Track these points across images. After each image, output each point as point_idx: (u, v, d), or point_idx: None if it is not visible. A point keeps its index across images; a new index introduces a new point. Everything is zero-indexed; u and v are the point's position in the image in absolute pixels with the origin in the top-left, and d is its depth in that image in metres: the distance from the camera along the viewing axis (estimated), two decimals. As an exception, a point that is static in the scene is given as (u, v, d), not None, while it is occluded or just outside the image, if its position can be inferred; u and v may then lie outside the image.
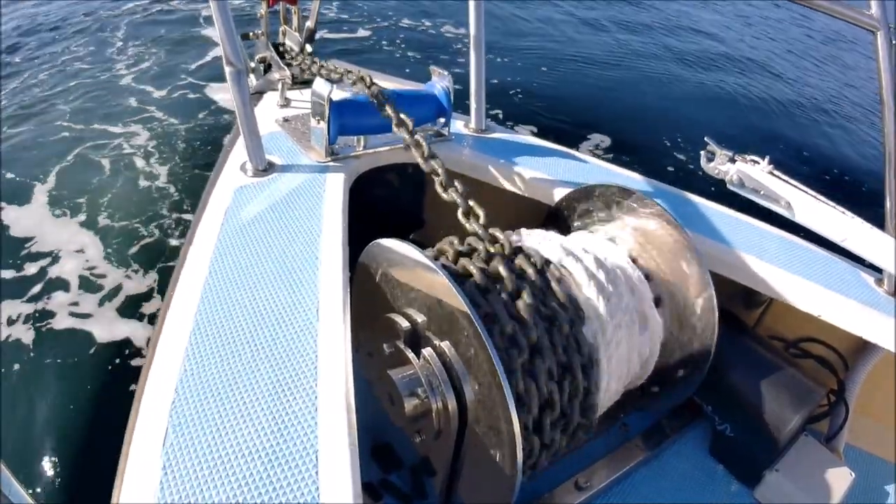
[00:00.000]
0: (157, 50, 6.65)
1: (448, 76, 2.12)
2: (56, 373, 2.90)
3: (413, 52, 7.16)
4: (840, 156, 6.51)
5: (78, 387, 2.83)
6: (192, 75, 6.07)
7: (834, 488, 1.77)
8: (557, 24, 8.99)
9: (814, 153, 6.43)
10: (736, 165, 1.84)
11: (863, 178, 5.98)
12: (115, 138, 4.90)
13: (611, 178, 2.15)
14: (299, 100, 2.36)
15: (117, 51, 6.59)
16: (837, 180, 5.92)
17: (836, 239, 1.74)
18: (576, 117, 6.12)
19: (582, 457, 1.81)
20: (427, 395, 1.25)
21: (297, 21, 2.63)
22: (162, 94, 5.67)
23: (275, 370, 1.14)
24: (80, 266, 3.55)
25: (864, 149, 6.80)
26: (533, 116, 5.92)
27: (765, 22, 12.15)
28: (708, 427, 1.95)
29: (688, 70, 8.18)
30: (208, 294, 1.33)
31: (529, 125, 5.66)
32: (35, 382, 2.84)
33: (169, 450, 1.00)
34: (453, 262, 1.42)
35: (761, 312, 2.15)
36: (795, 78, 8.97)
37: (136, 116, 5.24)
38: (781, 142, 6.54)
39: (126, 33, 7.04)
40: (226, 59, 1.63)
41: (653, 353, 1.64)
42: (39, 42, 6.78)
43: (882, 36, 1.76)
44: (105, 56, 6.46)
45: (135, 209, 4.06)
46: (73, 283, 3.41)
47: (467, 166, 2.19)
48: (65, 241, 3.73)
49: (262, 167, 1.80)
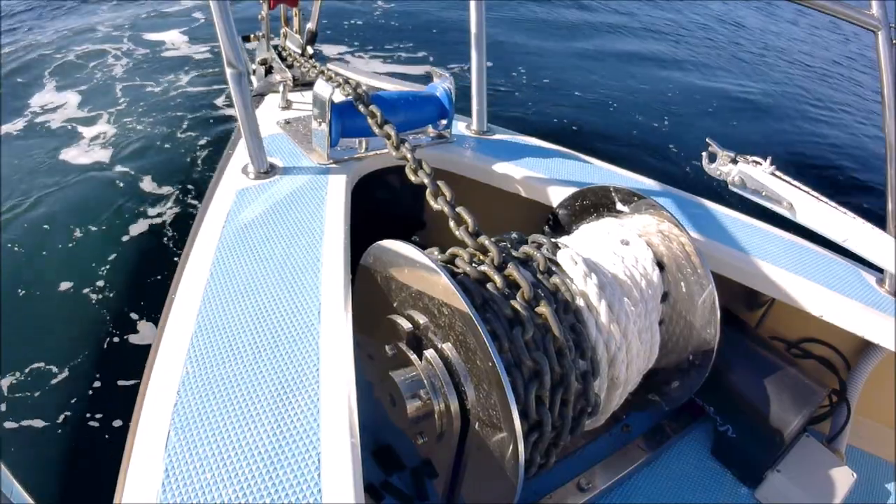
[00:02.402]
0: (157, 49, 6.65)
1: (449, 78, 2.12)
2: (58, 374, 2.90)
3: (414, 52, 7.16)
4: (841, 156, 6.51)
5: (80, 388, 2.84)
6: (194, 76, 6.07)
7: (835, 489, 1.77)
8: (559, 25, 8.99)
9: (815, 154, 6.42)
10: (738, 166, 1.84)
11: (864, 177, 5.97)
12: (116, 138, 4.91)
13: (612, 180, 2.15)
14: (301, 102, 2.36)
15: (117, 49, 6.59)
16: (838, 181, 5.91)
17: (838, 239, 1.74)
18: (579, 119, 6.13)
19: (584, 458, 1.81)
20: (429, 397, 1.25)
21: (298, 23, 2.64)
22: (163, 95, 5.67)
23: (276, 372, 1.14)
24: (80, 267, 3.56)
25: (865, 148, 6.79)
26: (534, 118, 5.92)
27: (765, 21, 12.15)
28: (709, 428, 1.95)
29: (688, 69, 8.18)
30: (210, 296, 1.33)
31: (531, 127, 5.66)
32: (36, 383, 2.84)
33: (171, 451, 1.00)
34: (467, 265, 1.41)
35: (763, 313, 2.15)
36: (795, 77, 8.97)
37: (136, 117, 5.24)
38: (781, 142, 6.54)
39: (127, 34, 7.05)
40: (227, 61, 1.63)
41: (655, 354, 1.64)
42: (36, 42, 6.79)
43: (883, 35, 1.76)
44: (104, 54, 6.47)
45: (136, 211, 4.07)
46: (74, 284, 3.42)
47: (469, 168, 2.19)
48: (65, 241, 3.74)
49: (264, 169, 1.80)
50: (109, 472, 1.02)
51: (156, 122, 5.18)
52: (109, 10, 7.93)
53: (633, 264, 1.59)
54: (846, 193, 5.51)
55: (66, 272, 3.51)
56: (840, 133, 7.15)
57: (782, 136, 6.73)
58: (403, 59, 6.96)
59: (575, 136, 5.64)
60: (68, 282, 3.44)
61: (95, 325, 3.18)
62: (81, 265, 3.58)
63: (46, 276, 3.47)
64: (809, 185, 1.79)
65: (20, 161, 4.59)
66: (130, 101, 5.53)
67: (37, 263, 3.56)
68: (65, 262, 3.59)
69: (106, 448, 2.57)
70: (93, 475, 2.45)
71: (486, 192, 2.17)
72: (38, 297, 3.32)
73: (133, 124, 5.13)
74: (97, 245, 3.75)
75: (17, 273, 3.45)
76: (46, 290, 3.37)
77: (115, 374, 2.92)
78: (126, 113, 5.33)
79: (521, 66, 7.13)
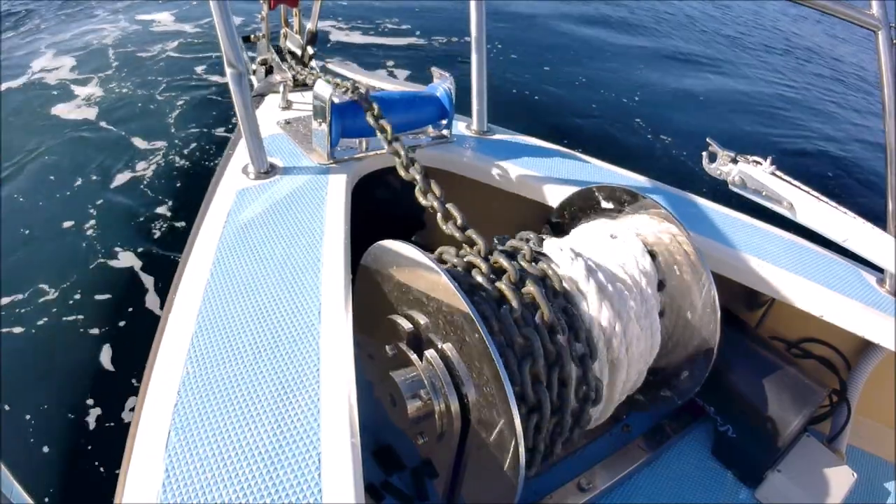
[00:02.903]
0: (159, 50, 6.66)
1: (450, 78, 2.12)
2: (58, 374, 2.91)
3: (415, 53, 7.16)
4: (842, 156, 6.50)
5: (80, 388, 2.84)
6: (194, 76, 6.08)
7: (836, 489, 1.77)
8: (560, 23, 8.98)
9: (815, 153, 6.42)
10: (738, 166, 1.84)
11: (863, 177, 5.97)
12: (116, 138, 4.91)
13: (613, 179, 2.15)
14: (301, 102, 2.36)
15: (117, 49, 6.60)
16: (838, 180, 5.91)
17: (838, 239, 1.74)
18: (577, 119, 6.12)
19: (584, 458, 1.81)
20: (430, 397, 1.25)
21: (298, 23, 2.64)
22: (163, 95, 5.68)
23: (277, 372, 1.14)
24: (80, 266, 3.56)
25: (866, 148, 6.79)
26: (535, 118, 5.92)
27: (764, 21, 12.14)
28: (709, 428, 1.95)
29: (689, 68, 8.17)
30: (210, 296, 1.33)
31: (531, 127, 5.65)
32: (37, 384, 2.84)
33: (171, 451, 1.00)
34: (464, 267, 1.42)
35: (763, 313, 2.15)
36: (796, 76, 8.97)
37: (136, 117, 5.25)
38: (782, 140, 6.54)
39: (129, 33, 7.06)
40: (227, 61, 1.63)
41: (654, 354, 1.64)
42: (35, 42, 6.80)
43: (883, 35, 1.76)
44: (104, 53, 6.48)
45: (136, 212, 4.07)
46: (74, 285, 3.42)
47: (469, 168, 2.19)
48: (65, 240, 3.74)
49: (264, 169, 1.80)
50: (110, 472, 1.02)
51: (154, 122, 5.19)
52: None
53: (624, 252, 1.59)
54: (846, 193, 5.52)
55: (64, 269, 3.51)
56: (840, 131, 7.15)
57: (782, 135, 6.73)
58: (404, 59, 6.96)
59: (575, 136, 5.63)
60: (65, 280, 3.44)
61: (96, 326, 3.18)
62: (80, 263, 3.58)
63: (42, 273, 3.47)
64: (809, 185, 1.79)
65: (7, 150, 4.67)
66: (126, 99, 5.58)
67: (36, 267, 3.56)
68: (66, 261, 3.60)
69: (106, 448, 2.57)
70: (93, 475, 2.45)
71: (487, 192, 2.17)
72: (37, 302, 3.32)
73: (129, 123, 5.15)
74: (94, 243, 3.76)
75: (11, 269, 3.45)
76: (43, 290, 3.37)
77: (115, 373, 2.92)
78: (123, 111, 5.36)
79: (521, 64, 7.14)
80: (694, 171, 5.31)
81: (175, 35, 7.09)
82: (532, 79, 6.83)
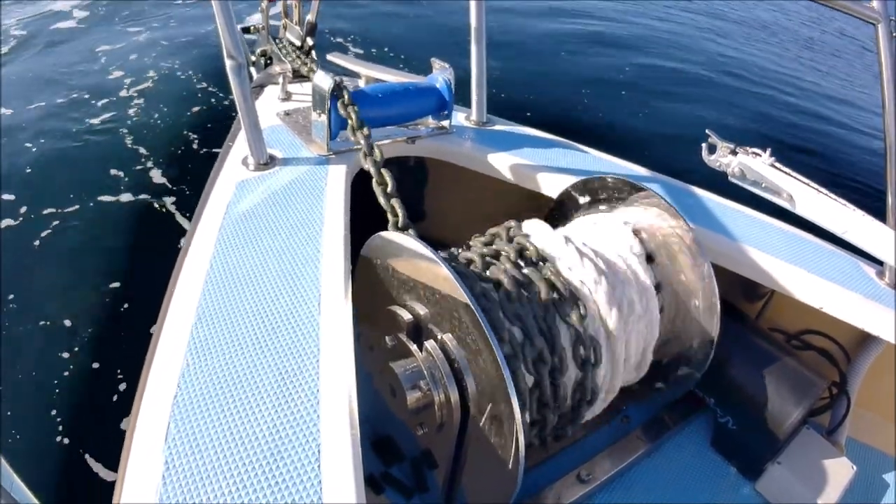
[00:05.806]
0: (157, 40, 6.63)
1: (450, 68, 2.12)
2: (57, 367, 2.90)
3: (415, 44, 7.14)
4: (841, 149, 6.50)
5: (79, 381, 2.84)
6: (194, 68, 6.06)
7: (835, 481, 1.77)
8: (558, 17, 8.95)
9: (815, 146, 6.41)
10: (737, 158, 1.84)
11: (864, 170, 5.96)
12: (115, 131, 4.89)
13: (613, 170, 2.15)
14: (300, 93, 2.36)
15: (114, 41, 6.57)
16: (838, 172, 5.90)
17: (838, 231, 1.74)
18: (577, 109, 6.11)
19: (583, 449, 1.81)
20: (429, 388, 1.25)
21: (298, 14, 2.62)
22: (162, 87, 5.66)
23: (276, 363, 1.15)
24: (78, 257, 3.56)
25: (866, 140, 6.78)
26: (534, 109, 5.90)
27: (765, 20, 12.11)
28: (709, 419, 1.95)
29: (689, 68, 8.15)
30: (210, 287, 1.33)
31: (531, 117, 5.64)
32: (36, 378, 2.84)
33: (171, 443, 1.00)
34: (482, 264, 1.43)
35: (763, 305, 2.15)
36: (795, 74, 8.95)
37: (135, 109, 5.23)
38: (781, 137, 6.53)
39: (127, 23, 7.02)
40: (226, 52, 1.63)
41: (652, 345, 1.64)
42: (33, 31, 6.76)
43: (883, 28, 1.75)
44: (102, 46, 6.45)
45: (136, 203, 4.06)
46: (72, 276, 3.42)
47: (468, 159, 2.18)
48: (63, 230, 3.73)
49: (264, 161, 1.80)
50: (110, 464, 1.02)
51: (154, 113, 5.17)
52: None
53: (622, 242, 1.60)
54: (845, 185, 5.51)
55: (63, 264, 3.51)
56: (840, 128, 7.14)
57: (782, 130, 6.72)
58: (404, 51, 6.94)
59: (574, 126, 5.61)
60: (64, 274, 3.44)
61: (95, 317, 3.18)
62: (79, 255, 3.58)
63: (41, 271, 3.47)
64: (809, 176, 1.79)
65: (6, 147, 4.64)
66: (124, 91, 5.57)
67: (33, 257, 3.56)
68: (64, 252, 3.59)
69: (106, 440, 2.57)
70: (93, 467, 2.45)
71: (486, 183, 2.17)
72: (35, 292, 3.31)
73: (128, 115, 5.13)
74: (92, 234, 3.75)
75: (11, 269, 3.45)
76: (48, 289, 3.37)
77: (114, 365, 2.92)
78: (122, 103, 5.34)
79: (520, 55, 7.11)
80: (693, 161, 5.31)
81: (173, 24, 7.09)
82: (532, 70, 6.81)
